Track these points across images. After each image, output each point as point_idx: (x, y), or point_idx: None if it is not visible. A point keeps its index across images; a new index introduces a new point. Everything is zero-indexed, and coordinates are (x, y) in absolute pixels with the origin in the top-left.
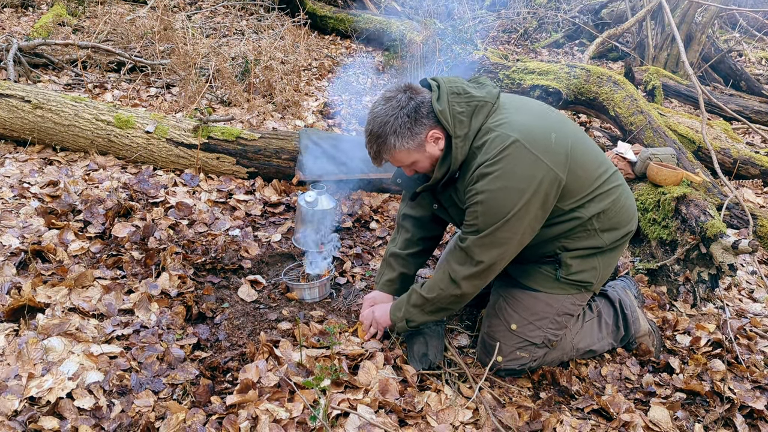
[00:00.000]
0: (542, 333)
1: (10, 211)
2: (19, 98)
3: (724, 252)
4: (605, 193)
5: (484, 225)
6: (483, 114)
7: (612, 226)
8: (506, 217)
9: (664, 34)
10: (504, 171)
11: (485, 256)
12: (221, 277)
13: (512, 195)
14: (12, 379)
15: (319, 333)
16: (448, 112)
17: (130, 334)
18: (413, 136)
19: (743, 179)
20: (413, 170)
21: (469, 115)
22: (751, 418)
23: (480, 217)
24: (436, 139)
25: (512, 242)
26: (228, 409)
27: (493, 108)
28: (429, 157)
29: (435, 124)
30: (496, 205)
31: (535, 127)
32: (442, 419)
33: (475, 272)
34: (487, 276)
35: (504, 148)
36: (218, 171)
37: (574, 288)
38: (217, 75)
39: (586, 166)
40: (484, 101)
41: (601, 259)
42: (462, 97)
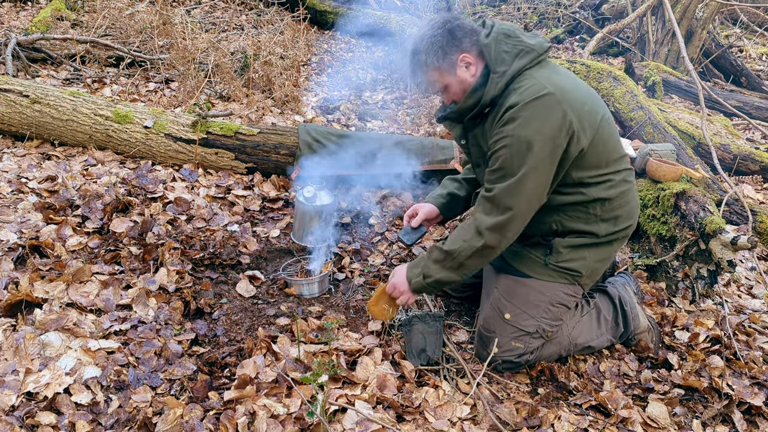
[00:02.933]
0: (535, 322)
1: (8, 206)
2: (17, 93)
3: (723, 248)
4: (616, 182)
5: (511, 170)
6: (527, 59)
7: (612, 217)
8: (533, 164)
9: (665, 29)
10: (534, 117)
11: (512, 201)
12: (219, 273)
13: (540, 142)
14: (9, 374)
15: (318, 328)
16: (493, 48)
17: (127, 330)
18: (445, 56)
19: (743, 175)
20: (448, 98)
21: (513, 56)
22: (750, 414)
23: (508, 160)
24: (468, 64)
25: (536, 193)
26: (226, 405)
27: (538, 59)
28: (460, 82)
29: (469, 49)
30: (524, 150)
31: (572, 90)
32: (440, 415)
33: (501, 221)
34: (512, 227)
35: (538, 96)
36: (217, 166)
37: (562, 276)
38: (216, 70)
39: (607, 146)
40: (531, 48)
41: (592, 252)
42: (511, 39)
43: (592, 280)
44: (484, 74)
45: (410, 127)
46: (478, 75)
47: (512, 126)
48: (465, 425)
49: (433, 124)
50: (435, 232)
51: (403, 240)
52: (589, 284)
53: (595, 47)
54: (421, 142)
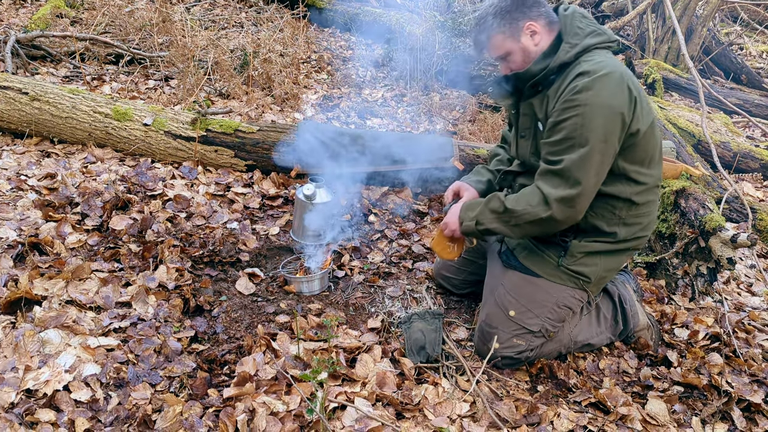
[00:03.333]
0: (540, 321)
1: (8, 203)
2: (16, 90)
3: (722, 246)
4: (648, 189)
5: (580, 140)
6: (598, 39)
7: (633, 223)
8: (602, 136)
9: (665, 27)
10: (606, 89)
11: (581, 174)
12: (219, 270)
13: (612, 115)
14: (9, 371)
15: (317, 326)
16: (569, 21)
17: (127, 327)
18: (511, 22)
19: (743, 173)
20: (508, 67)
21: (586, 33)
22: (749, 411)
23: (578, 130)
24: (533, 32)
25: (602, 168)
26: (225, 402)
27: (608, 43)
28: (522, 50)
29: (536, 18)
30: (595, 120)
31: (636, 80)
32: (440, 412)
33: (572, 194)
34: (580, 202)
35: (611, 72)
36: (216, 164)
37: (571, 280)
38: (215, 67)
39: (654, 146)
40: (603, 32)
41: (604, 260)
42: (587, 20)
43: (598, 288)
44: (554, 44)
45: (410, 125)
46: (545, 45)
47: (585, 95)
48: (464, 422)
49: (433, 121)
50: (434, 230)
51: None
52: (595, 292)
53: None
54: (421, 139)
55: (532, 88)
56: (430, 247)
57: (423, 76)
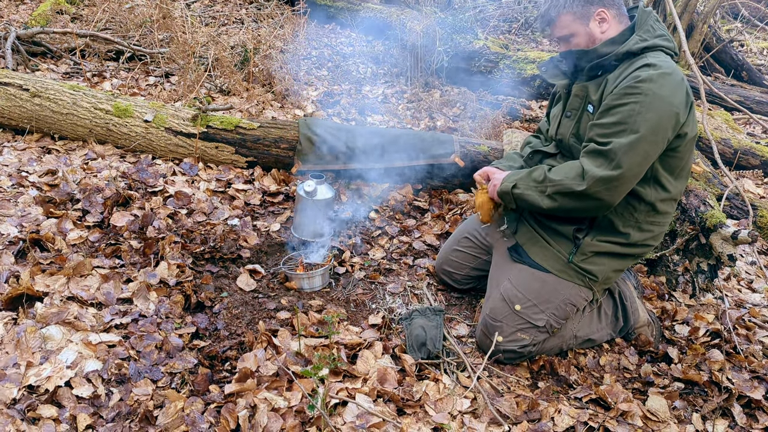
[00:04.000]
0: (546, 317)
1: (9, 199)
2: (17, 86)
3: (723, 242)
4: (669, 200)
5: (633, 126)
6: (665, 44)
7: (646, 230)
8: (655, 128)
9: (666, 23)
10: (669, 86)
11: (626, 159)
12: (220, 267)
13: (668, 110)
14: (11, 367)
15: (318, 322)
16: (645, 17)
17: (128, 323)
18: (584, 4)
19: (744, 170)
20: (567, 46)
21: (655, 35)
22: (749, 407)
23: (633, 116)
24: (602, 20)
25: (646, 160)
26: (226, 398)
27: (672, 50)
28: (587, 34)
29: (609, 6)
30: (653, 110)
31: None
32: (441, 408)
33: (610, 176)
34: (616, 188)
35: (675, 72)
36: (217, 160)
37: (579, 278)
38: (216, 64)
39: (689, 157)
40: (671, 40)
41: (612, 261)
42: (660, 24)
43: (603, 288)
44: (623, 33)
45: (411, 121)
46: (612, 34)
47: (648, 85)
48: (465, 419)
49: (434, 118)
50: (435, 226)
51: None
52: (600, 291)
53: None
54: (421, 136)
55: (592, 71)
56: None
57: (424, 72)
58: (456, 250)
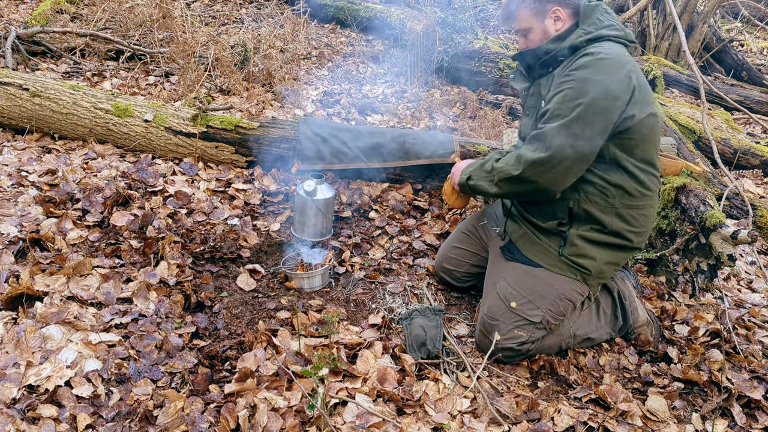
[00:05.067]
0: (541, 313)
1: (9, 199)
2: (17, 86)
3: (723, 242)
4: (642, 183)
5: (564, 111)
6: (613, 33)
7: (627, 217)
8: (585, 112)
9: (666, 23)
10: (605, 71)
11: (556, 142)
12: (220, 266)
13: (601, 94)
14: (11, 367)
15: (318, 322)
16: (591, 11)
17: (128, 323)
18: (540, 2)
19: (743, 169)
20: (525, 43)
21: (601, 26)
22: (749, 407)
23: (565, 102)
24: (557, 18)
25: (580, 144)
26: (226, 398)
27: (623, 39)
28: (543, 31)
29: (565, 5)
30: (583, 95)
31: (641, 74)
32: (440, 408)
33: (541, 158)
34: (551, 169)
35: (614, 57)
36: (217, 160)
37: (572, 271)
38: (216, 63)
39: (650, 140)
40: (622, 29)
41: (602, 252)
42: (608, 15)
43: (598, 283)
44: (569, 29)
45: (411, 121)
46: (563, 30)
47: (581, 72)
48: (465, 418)
49: (434, 117)
50: (435, 226)
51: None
52: (594, 286)
53: None
54: (422, 136)
55: (543, 68)
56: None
57: (424, 72)
58: (455, 248)
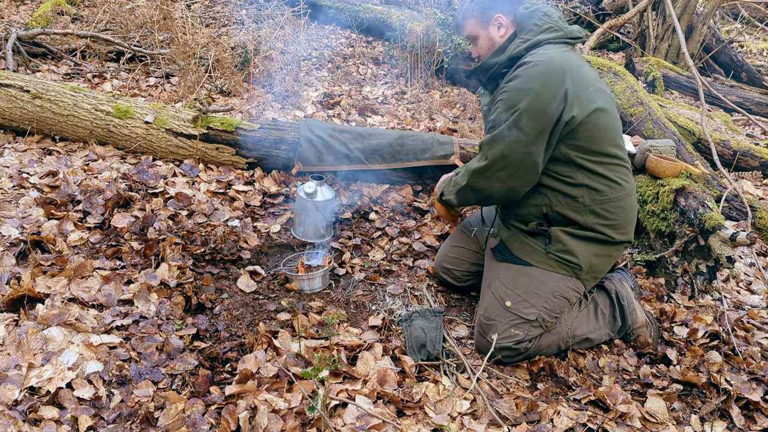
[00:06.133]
0: (536, 310)
1: (10, 201)
2: (18, 88)
3: (722, 244)
4: (608, 177)
5: (499, 121)
6: (551, 35)
7: (602, 213)
8: (518, 119)
9: (665, 24)
10: (535, 78)
11: (492, 151)
12: (220, 268)
13: (532, 101)
14: (12, 368)
15: (318, 324)
16: (527, 18)
17: (129, 325)
18: (484, 10)
19: (743, 171)
20: (475, 51)
21: (540, 29)
22: (747, 409)
23: (500, 114)
24: (500, 25)
25: (518, 150)
26: (227, 399)
27: (564, 39)
28: (488, 38)
29: (507, 13)
30: (514, 104)
31: (582, 70)
32: (440, 409)
33: (483, 167)
34: (491, 176)
35: (546, 62)
36: (218, 161)
37: (562, 267)
38: (216, 65)
39: (605, 134)
40: (560, 28)
41: (591, 246)
42: (547, 17)
43: (593, 277)
44: (509, 39)
45: (410, 122)
46: (506, 38)
47: (513, 82)
48: (465, 420)
49: (434, 119)
50: (435, 228)
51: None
52: (589, 281)
53: (595, 42)
54: (422, 137)
55: (491, 82)
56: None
57: (423, 73)
58: (455, 247)
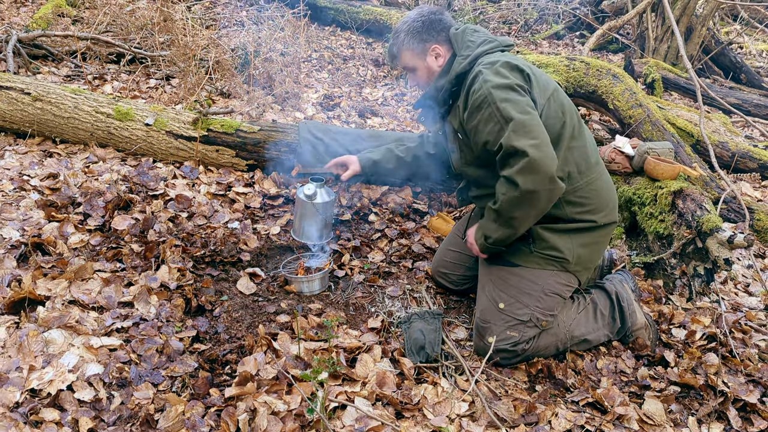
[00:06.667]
0: (529, 311)
1: (11, 203)
2: (18, 90)
3: (719, 246)
4: (572, 163)
5: (503, 119)
6: (489, 46)
7: (578, 201)
8: (515, 105)
9: (665, 26)
10: (498, 75)
11: (522, 142)
12: (220, 270)
13: (511, 88)
14: (13, 371)
15: (318, 326)
16: (460, 37)
17: (129, 327)
18: (421, 42)
19: (741, 173)
20: (414, 79)
21: (477, 44)
22: (745, 411)
23: (495, 115)
24: (438, 55)
25: (539, 126)
26: (226, 402)
27: (500, 47)
28: (426, 69)
29: (443, 43)
30: (502, 99)
31: (527, 63)
32: (439, 411)
33: (526, 163)
34: (540, 165)
35: (499, 61)
36: (218, 163)
37: (549, 263)
38: (216, 66)
39: (565, 113)
40: (494, 40)
41: (574, 237)
42: (478, 33)
43: (584, 268)
44: (450, 61)
45: (410, 124)
46: (445, 63)
47: (482, 90)
48: (463, 422)
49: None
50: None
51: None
52: (582, 272)
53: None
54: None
55: (444, 105)
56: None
57: None
58: (450, 251)
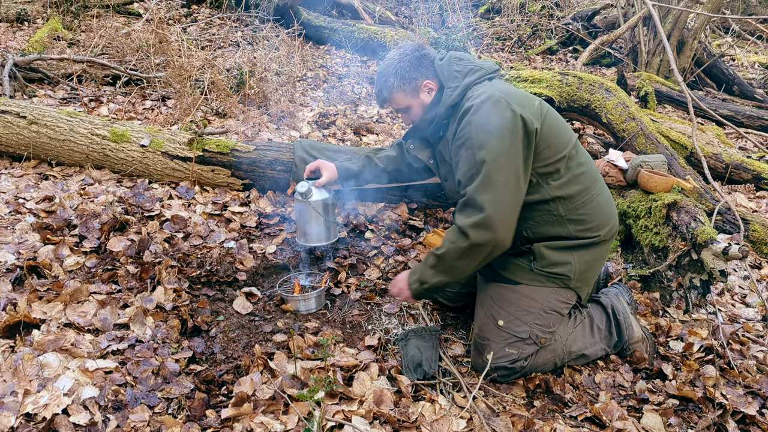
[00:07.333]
0: (528, 328)
1: (6, 226)
2: (14, 114)
3: (714, 258)
4: (571, 177)
5: (476, 168)
6: (476, 75)
7: (579, 219)
8: (495, 156)
9: (657, 39)
10: (488, 116)
11: (485, 198)
12: (216, 290)
13: (498, 136)
14: (8, 395)
15: (314, 345)
16: (446, 68)
17: (125, 349)
18: (410, 81)
19: (736, 184)
20: (408, 118)
21: (463, 74)
22: (744, 423)
23: (471, 159)
24: (430, 89)
25: (509, 187)
26: (223, 423)
27: (487, 76)
28: (421, 105)
29: (433, 77)
30: (483, 146)
31: (516, 93)
32: (437, 429)
33: (481, 219)
34: (495, 224)
35: (488, 99)
36: (213, 183)
37: (551, 281)
38: (212, 87)
39: (556, 133)
40: (480, 67)
41: (576, 254)
42: (462, 62)
43: (585, 284)
44: (438, 92)
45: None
46: (435, 95)
47: (469, 128)
48: None
49: None
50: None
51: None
52: (582, 288)
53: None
54: None
55: (434, 136)
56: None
57: None
58: None
